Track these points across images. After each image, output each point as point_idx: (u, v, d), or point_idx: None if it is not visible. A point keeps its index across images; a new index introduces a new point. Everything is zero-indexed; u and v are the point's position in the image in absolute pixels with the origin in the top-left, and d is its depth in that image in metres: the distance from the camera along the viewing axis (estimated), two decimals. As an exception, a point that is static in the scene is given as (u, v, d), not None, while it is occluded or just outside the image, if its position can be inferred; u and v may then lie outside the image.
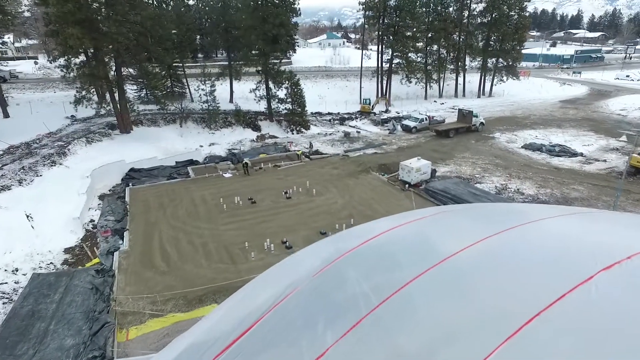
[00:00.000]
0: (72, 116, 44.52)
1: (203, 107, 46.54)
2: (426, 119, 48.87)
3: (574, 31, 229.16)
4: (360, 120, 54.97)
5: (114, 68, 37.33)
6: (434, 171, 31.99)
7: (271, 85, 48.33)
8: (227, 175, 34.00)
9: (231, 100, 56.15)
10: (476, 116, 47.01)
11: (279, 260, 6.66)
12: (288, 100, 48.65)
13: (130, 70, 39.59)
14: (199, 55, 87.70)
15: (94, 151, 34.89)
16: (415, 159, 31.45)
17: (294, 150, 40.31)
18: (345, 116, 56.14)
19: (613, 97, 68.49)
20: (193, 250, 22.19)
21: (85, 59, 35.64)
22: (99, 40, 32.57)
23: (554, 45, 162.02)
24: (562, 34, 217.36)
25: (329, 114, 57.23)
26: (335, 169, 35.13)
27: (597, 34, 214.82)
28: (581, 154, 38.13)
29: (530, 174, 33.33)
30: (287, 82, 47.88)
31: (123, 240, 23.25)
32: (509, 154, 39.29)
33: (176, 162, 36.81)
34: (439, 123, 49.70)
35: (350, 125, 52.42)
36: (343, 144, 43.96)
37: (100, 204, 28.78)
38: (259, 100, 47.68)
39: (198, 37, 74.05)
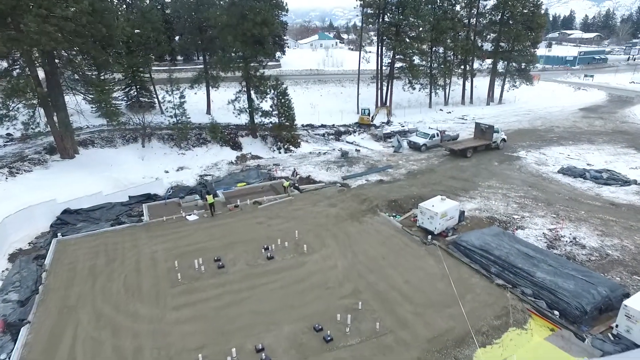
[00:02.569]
0: (9, 134, 36.41)
1: (170, 121, 38.60)
2: (437, 135, 41.46)
3: (568, 32, 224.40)
4: (358, 134, 47.39)
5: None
6: (462, 214, 24.49)
7: (254, 95, 40.56)
8: (192, 218, 26.12)
9: (209, 112, 48.31)
10: (497, 132, 39.70)
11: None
12: (274, 112, 40.94)
13: (73, 75, 31.44)
14: (179, 57, 79.62)
15: (18, 187, 26.82)
16: (438, 199, 23.91)
17: (280, 179, 32.58)
18: (342, 129, 48.55)
19: (638, 105, 61.83)
20: (118, 367, 14.33)
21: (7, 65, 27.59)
22: (19, 42, 24.52)
23: (549, 45, 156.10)
24: (557, 35, 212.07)
25: (323, 126, 49.62)
26: (333, 207, 27.45)
27: (592, 35, 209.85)
28: (635, 182, 30.94)
29: (583, 213, 25.98)
30: (272, 91, 40.18)
31: (14, 346, 15.31)
32: (545, 181, 31.95)
33: (129, 197, 28.88)
34: (452, 139, 42.32)
35: (347, 142, 44.83)
36: (340, 167, 36.30)
37: (8, 269, 20.75)
38: (239, 114, 39.82)
39: (177, 37, 66.15)
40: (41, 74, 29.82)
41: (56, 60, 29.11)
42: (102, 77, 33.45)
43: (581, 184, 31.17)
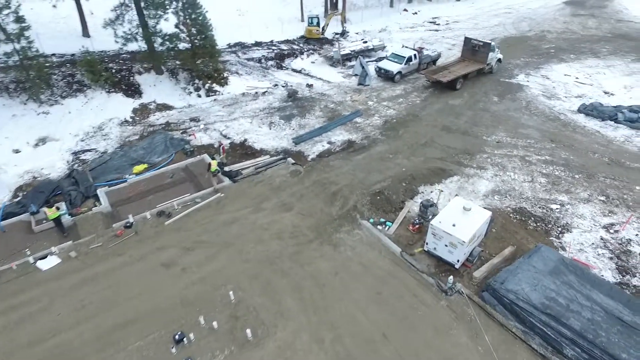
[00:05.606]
0: None
1: (12, 61, 24.16)
2: (415, 57, 30.68)
3: None
4: (307, 55, 35.22)
5: None
6: (490, 223, 15.84)
7: (145, 10, 26.28)
8: (48, 263, 15.19)
9: (86, 33, 32.84)
10: (493, 50, 29.69)
11: None
12: (182, 34, 27.40)
13: None
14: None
15: None
16: (457, 207, 14.84)
17: (199, 154, 21.42)
18: (284, 49, 35.90)
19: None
20: None
21: None
22: None
23: None
24: None
25: (258, 45, 36.49)
26: (287, 211, 17.61)
27: None
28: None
29: (638, 189, 18.53)
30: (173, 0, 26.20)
31: None
32: (567, 129, 23.72)
33: (-63, 221, 16.90)
34: (432, 62, 31.84)
35: (293, 69, 32.85)
36: (288, 118, 25.36)
37: None
38: (125, 43, 25.92)
39: None
40: None
41: None
42: None
43: (614, 130, 23.36)
